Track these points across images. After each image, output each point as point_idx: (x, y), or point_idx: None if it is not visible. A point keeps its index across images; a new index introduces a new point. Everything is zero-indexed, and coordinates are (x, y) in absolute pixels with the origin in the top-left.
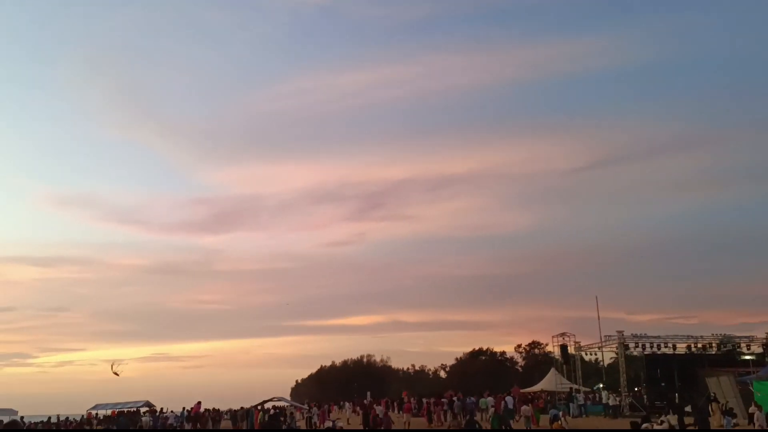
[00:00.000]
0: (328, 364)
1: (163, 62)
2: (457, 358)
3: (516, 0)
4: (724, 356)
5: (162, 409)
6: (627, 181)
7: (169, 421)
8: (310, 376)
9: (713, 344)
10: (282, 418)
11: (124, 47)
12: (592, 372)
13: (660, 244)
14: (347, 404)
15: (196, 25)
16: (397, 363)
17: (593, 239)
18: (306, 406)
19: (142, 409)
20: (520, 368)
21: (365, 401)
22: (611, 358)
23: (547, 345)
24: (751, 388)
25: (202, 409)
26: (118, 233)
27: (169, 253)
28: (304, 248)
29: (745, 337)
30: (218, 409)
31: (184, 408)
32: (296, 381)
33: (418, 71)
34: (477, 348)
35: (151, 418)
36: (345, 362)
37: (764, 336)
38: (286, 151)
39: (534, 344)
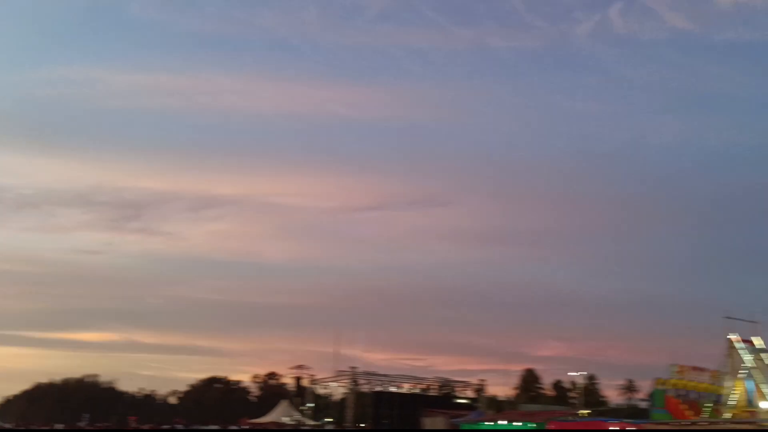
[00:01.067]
0: (47, 381)
1: None
2: (191, 385)
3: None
4: (443, 398)
5: None
6: (388, 227)
7: None
8: (24, 394)
9: (434, 386)
10: None
11: None
12: (324, 406)
13: (404, 289)
14: (61, 427)
15: None
16: (126, 386)
17: (344, 277)
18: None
19: None
20: (254, 398)
21: (80, 425)
22: (343, 393)
23: (284, 377)
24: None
25: None
26: None
27: None
28: (41, 252)
29: (462, 381)
30: None
31: None
32: (5, 398)
33: (198, 85)
34: (213, 375)
35: None
36: (66, 381)
37: (477, 382)
38: (37, 143)
39: (271, 375)
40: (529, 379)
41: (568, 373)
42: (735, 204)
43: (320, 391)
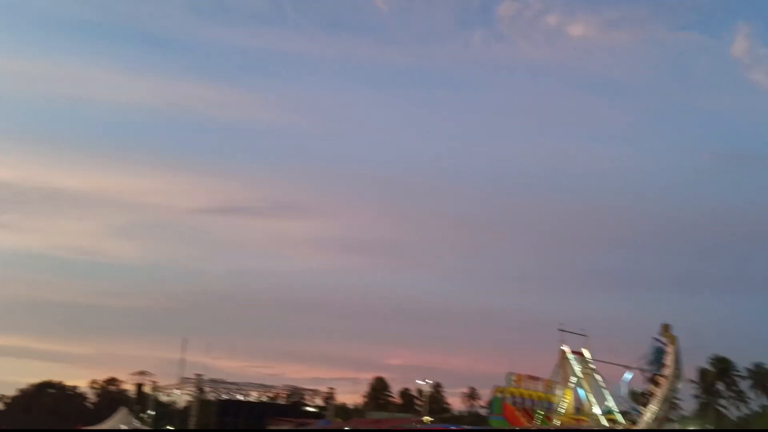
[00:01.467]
0: None
1: None
2: (20, 390)
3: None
4: (291, 407)
5: None
6: (247, 231)
7: None
8: None
9: (283, 394)
10: None
11: None
12: (166, 414)
13: (259, 296)
14: None
15: None
16: None
17: (196, 281)
18: None
19: None
20: (91, 405)
21: None
22: (187, 401)
23: (124, 383)
24: None
25: None
26: None
27: None
28: None
29: (311, 390)
30: None
31: None
32: None
33: (52, 72)
34: (46, 380)
35: None
36: None
37: (327, 390)
38: None
39: (111, 381)
40: (379, 387)
41: (417, 381)
42: (574, 226)
43: (163, 398)
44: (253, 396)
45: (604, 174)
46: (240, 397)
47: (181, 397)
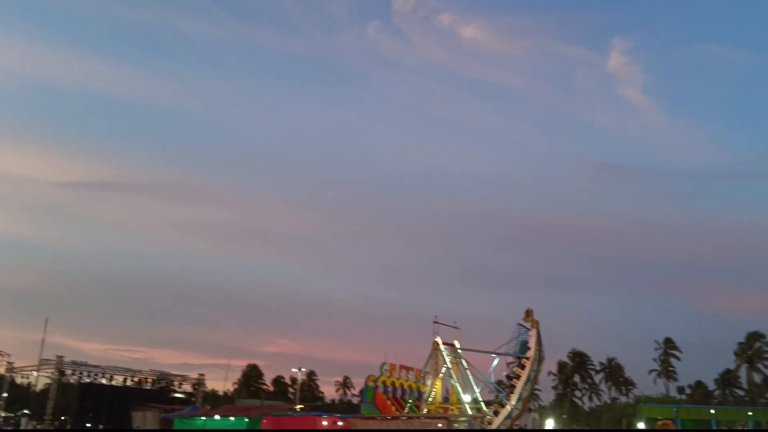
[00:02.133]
0: None
1: None
2: None
3: None
4: (158, 392)
5: None
6: (127, 211)
7: None
8: None
9: (150, 379)
10: None
11: None
12: (22, 396)
13: (132, 278)
14: None
15: None
16: None
17: (64, 259)
18: None
19: None
20: None
21: None
22: (45, 383)
23: None
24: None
25: None
26: None
27: None
28: None
29: (180, 376)
30: None
31: None
32: None
33: None
34: None
35: None
36: None
37: (197, 377)
38: None
39: None
40: (252, 375)
41: (292, 370)
42: (454, 224)
43: (19, 380)
44: (118, 380)
45: (486, 177)
46: (103, 381)
47: (39, 380)
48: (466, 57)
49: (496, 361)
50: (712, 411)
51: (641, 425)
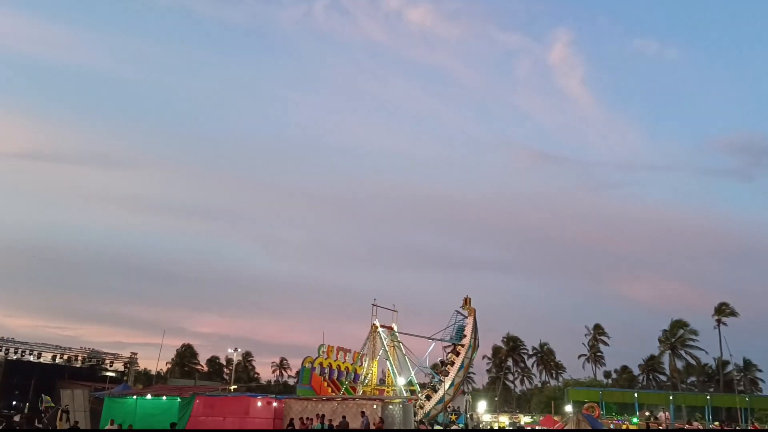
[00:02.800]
0: None
1: None
2: None
3: None
4: (89, 370)
5: None
6: (53, 181)
7: None
8: None
9: (80, 357)
10: None
11: None
12: None
13: (61, 252)
14: None
15: None
16: None
17: None
18: None
19: None
20: None
21: None
22: None
23: None
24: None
25: None
26: None
27: None
28: None
29: (112, 354)
30: None
31: None
32: None
33: None
34: None
35: None
36: None
37: (129, 356)
38: None
39: None
40: (186, 355)
41: (228, 350)
42: (394, 206)
43: None
44: (47, 358)
45: (421, 159)
46: (31, 359)
47: None
48: (409, 39)
49: (432, 346)
50: (636, 394)
51: (569, 408)
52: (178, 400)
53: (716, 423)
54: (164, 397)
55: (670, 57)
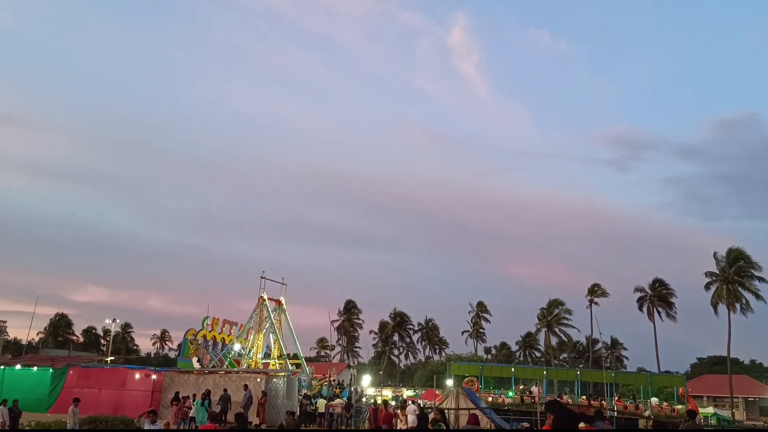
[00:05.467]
0: None
1: None
2: None
3: None
4: None
5: None
6: None
7: None
8: None
9: None
10: None
11: None
12: None
13: None
14: None
15: None
16: None
17: None
18: None
19: None
20: None
21: None
22: None
23: None
24: None
25: None
26: None
27: None
28: None
29: None
30: None
31: None
32: None
33: None
34: None
35: None
36: None
37: None
38: None
39: None
40: (60, 324)
41: (107, 321)
42: (286, 180)
43: None
44: None
45: (316, 133)
46: None
47: None
48: (311, 10)
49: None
50: (512, 369)
51: (449, 382)
52: (51, 371)
53: (583, 397)
54: (35, 368)
55: (561, 49)
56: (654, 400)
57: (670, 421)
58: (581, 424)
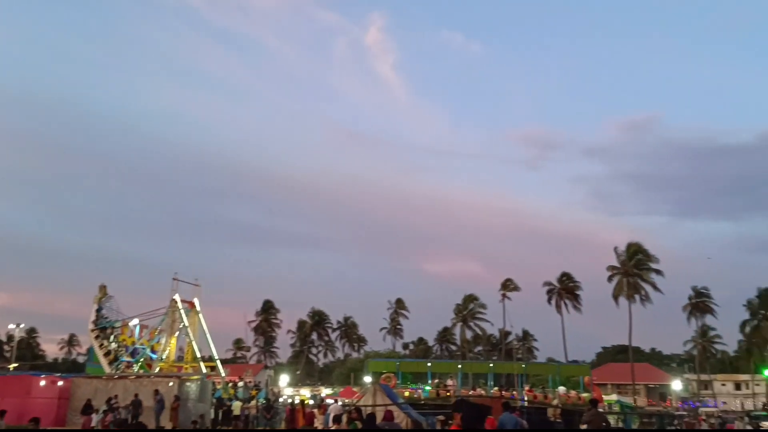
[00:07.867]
0: None
1: None
2: None
3: None
4: None
5: None
6: None
7: None
8: None
9: None
10: None
11: None
12: None
13: None
14: None
15: None
16: None
17: None
18: None
19: None
20: None
21: None
22: None
23: None
24: None
25: None
26: None
27: None
28: None
29: None
30: None
31: None
32: None
33: None
34: None
35: None
36: None
37: None
38: None
39: None
40: None
41: (10, 326)
42: (196, 176)
43: None
44: None
45: (231, 131)
46: None
47: None
48: (224, 6)
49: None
50: (429, 364)
51: (367, 379)
52: None
53: (496, 388)
54: None
55: (474, 51)
56: (561, 389)
57: (577, 409)
58: (488, 418)
